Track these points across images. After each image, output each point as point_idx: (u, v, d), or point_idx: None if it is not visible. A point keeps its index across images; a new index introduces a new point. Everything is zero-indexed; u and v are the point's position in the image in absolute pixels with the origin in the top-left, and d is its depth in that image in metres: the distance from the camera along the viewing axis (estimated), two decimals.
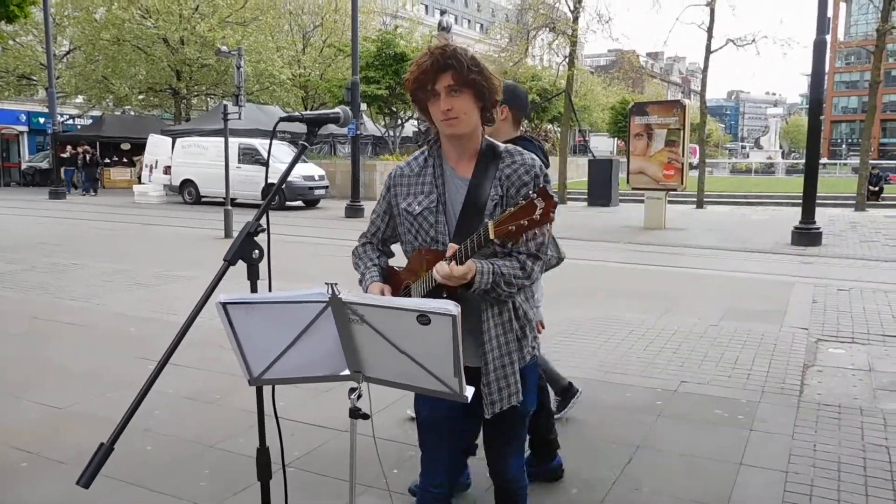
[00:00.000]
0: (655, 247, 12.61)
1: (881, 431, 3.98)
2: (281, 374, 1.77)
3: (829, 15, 12.78)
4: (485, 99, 1.97)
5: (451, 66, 1.90)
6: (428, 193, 2.04)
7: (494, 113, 2.03)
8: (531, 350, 2.13)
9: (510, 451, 2.24)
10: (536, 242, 1.98)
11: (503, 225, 1.71)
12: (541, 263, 2.00)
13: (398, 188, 2.12)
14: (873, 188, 22.99)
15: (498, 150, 2.05)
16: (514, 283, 1.95)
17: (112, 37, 28.48)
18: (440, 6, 60.95)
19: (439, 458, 2.18)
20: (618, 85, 55.83)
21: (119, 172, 31.47)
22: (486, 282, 1.88)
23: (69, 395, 4.53)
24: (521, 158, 2.03)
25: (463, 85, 1.92)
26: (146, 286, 8.17)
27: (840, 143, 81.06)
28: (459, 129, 1.97)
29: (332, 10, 34.03)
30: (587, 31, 27.76)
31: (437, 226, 2.01)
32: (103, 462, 1.58)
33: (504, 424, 2.16)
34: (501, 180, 1.99)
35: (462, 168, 2.04)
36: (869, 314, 6.92)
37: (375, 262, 2.18)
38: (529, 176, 1.99)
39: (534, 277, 1.99)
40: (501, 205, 1.96)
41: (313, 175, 21.04)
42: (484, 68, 1.95)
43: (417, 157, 2.13)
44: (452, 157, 2.06)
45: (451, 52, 1.91)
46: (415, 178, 2.09)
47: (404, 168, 2.14)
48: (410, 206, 2.06)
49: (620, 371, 5.08)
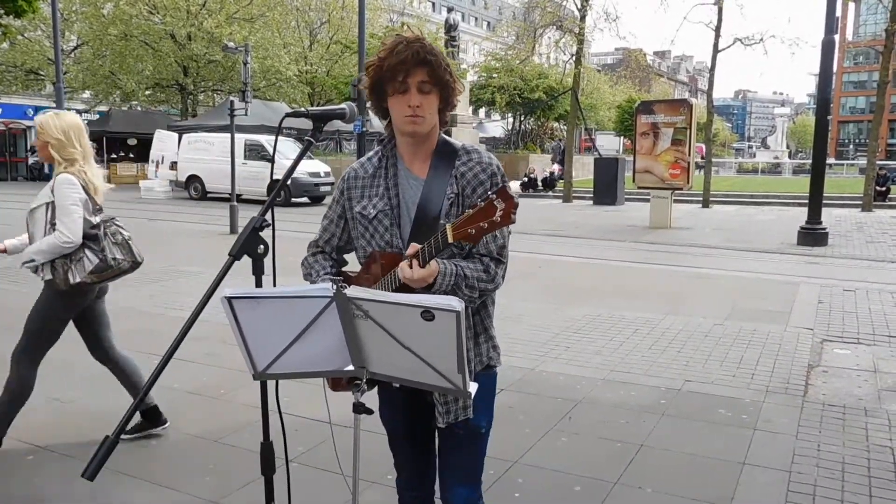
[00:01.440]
0: (661, 246, 12.59)
1: (885, 432, 3.97)
2: (285, 369, 1.77)
3: (838, 15, 12.75)
4: (447, 101, 1.91)
5: (428, 63, 1.82)
6: (382, 196, 1.94)
7: (447, 115, 1.95)
8: (485, 360, 1.99)
9: (457, 478, 2.04)
10: (497, 245, 1.90)
11: (462, 228, 1.65)
12: (503, 267, 1.91)
13: (352, 191, 2.00)
14: (880, 189, 22.88)
15: (453, 147, 1.96)
16: (476, 287, 1.85)
17: (119, 32, 28.56)
18: (447, 3, 60.87)
19: (406, 463, 2.14)
20: (624, 83, 55.70)
21: (125, 168, 31.57)
22: (448, 283, 1.79)
23: (74, 389, 4.55)
24: (477, 157, 1.94)
25: (434, 84, 1.85)
26: (151, 281, 8.19)
27: (847, 143, 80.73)
28: (421, 129, 1.88)
29: (338, 7, 34.07)
30: (594, 29, 27.76)
31: (392, 229, 1.92)
32: (108, 454, 1.59)
33: (452, 442, 2.01)
34: (457, 178, 1.90)
35: (417, 168, 1.95)
36: (874, 315, 6.89)
37: (328, 272, 2.03)
38: (486, 174, 1.91)
39: (497, 282, 1.90)
40: (457, 204, 1.88)
41: (319, 172, 21.07)
42: (452, 69, 1.90)
43: (371, 158, 2.02)
44: (407, 156, 1.96)
45: (429, 47, 1.83)
46: (369, 179, 1.98)
47: (358, 170, 2.02)
48: (365, 209, 1.95)
49: (624, 370, 5.08)
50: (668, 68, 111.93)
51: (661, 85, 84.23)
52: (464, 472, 2.05)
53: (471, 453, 2.04)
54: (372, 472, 3.24)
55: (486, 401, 2.01)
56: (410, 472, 2.15)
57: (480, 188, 1.89)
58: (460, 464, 2.04)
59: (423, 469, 2.14)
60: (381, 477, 3.16)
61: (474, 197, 1.87)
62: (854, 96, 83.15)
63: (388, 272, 1.86)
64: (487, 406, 2.02)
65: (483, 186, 1.89)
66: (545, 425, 4.01)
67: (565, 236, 13.45)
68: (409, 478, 2.15)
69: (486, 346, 2.00)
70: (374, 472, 3.21)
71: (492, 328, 2.03)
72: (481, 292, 1.88)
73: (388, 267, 1.87)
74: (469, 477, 2.05)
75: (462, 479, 2.04)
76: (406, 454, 2.14)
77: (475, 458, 2.06)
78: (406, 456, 2.14)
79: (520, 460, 3.54)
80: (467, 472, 2.05)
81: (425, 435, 2.10)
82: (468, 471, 2.05)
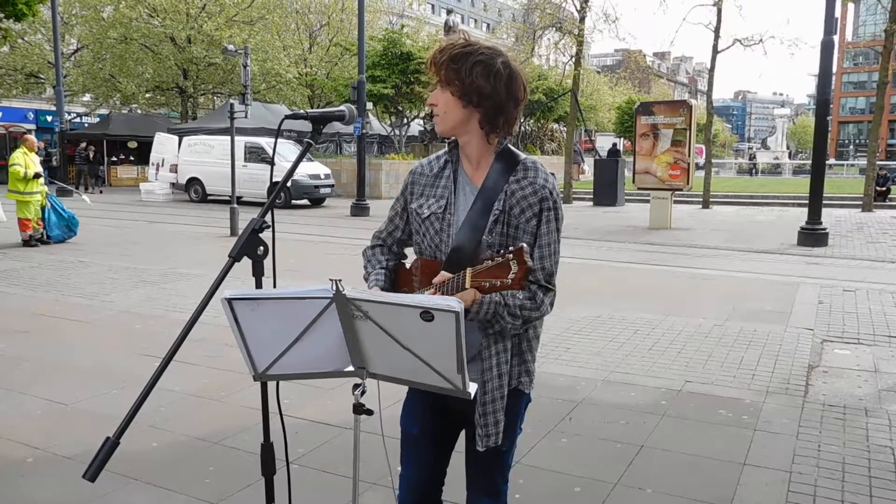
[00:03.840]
0: (661, 247, 12.59)
1: (886, 432, 3.97)
2: (285, 370, 1.77)
3: (837, 15, 12.74)
4: (471, 100, 1.83)
5: (436, 63, 1.84)
6: (438, 198, 1.94)
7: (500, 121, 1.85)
8: (514, 382, 1.96)
9: (480, 491, 2.05)
10: (545, 273, 1.86)
11: (479, 278, 1.66)
12: (552, 295, 1.87)
13: (414, 187, 2.02)
14: (880, 189, 22.87)
15: (515, 159, 1.91)
16: (520, 315, 1.81)
17: (119, 35, 28.58)
18: (446, 5, 60.95)
19: (423, 465, 2.10)
20: (624, 85, 55.79)
21: (125, 170, 31.58)
22: (487, 311, 1.77)
23: (75, 391, 4.55)
24: (533, 175, 1.88)
25: (445, 83, 1.85)
26: (152, 284, 8.20)
27: (847, 143, 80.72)
28: (439, 127, 1.90)
29: (338, 10, 34.08)
30: (594, 30, 27.81)
31: (441, 234, 1.91)
32: (109, 455, 1.59)
33: (476, 458, 2.00)
34: (507, 195, 1.85)
35: (476, 176, 1.93)
36: (875, 315, 6.89)
37: (384, 266, 2.06)
38: (536, 197, 1.85)
39: (544, 310, 1.86)
40: (502, 222, 1.84)
41: (319, 174, 21.06)
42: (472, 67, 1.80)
43: (439, 157, 2.01)
44: (466, 162, 1.95)
45: (445, 46, 1.84)
46: (431, 178, 1.99)
47: (424, 167, 2.03)
48: (421, 207, 1.97)
49: (625, 371, 5.08)
50: (667, 69, 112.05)
51: (661, 86, 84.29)
52: (485, 486, 2.06)
53: (492, 468, 2.04)
54: (372, 473, 3.24)
55: (510, 418, 1.96)
56: (424, 475, 2.11)
57: (529, 211, 1.85)
58: (482, 477, 2.05)
59: (438, 473, 2.13)
60: (381, 478, 3.16)
61: (521, 218, 1.85)
62: (854, 97, 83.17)
63: (427, 279, 1.87)
64: (509, 426, 1.97)
65: (532, 210, 1.85)
66: (545, 426, 4.01)
67: (565, 237, 13.34)
68: (421, 479, 2.12)
69: (519, 370, 1.97)
70: (374, 474, 3.21)
71: (528, 354, 1.98)
72: (525, 320, 1.85)
73: (427, 274, 1.89)
74: (490, 491, 2.06)
75: (484, 492, 2.06)
76: (424, 457, 2.10)
77: (496, 473, 2.05)
78: (424, 459, 2.10)
79: (520, 461, 3.54)
80: (488, 485, 2.06)
81: (449, 441, 2.11)
82: (489, 485, 2.06)
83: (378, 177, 23.49)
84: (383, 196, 23.04)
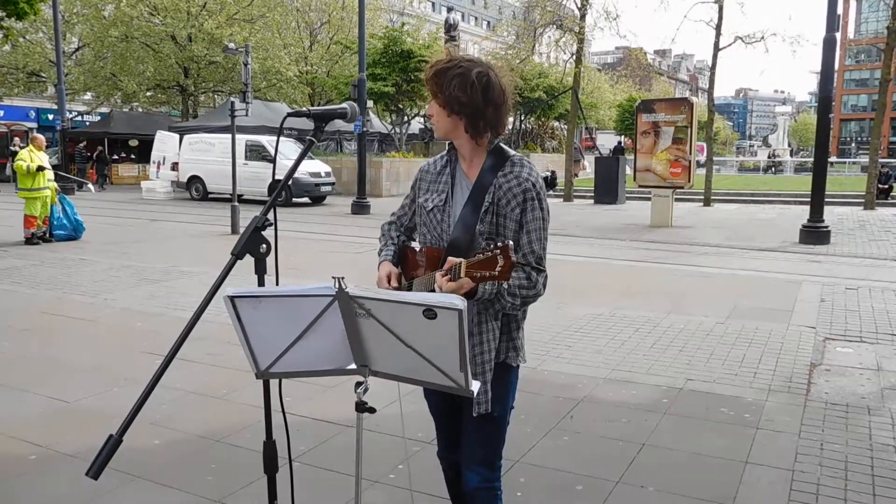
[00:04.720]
0: (662, 244, 12.58)
1: (889, 431, 3.97)
2: (288, 368, 1.78)
3: (839, 12, 12.71)
4: (453, 109, 2.03)
5: (426, 78, 2.06)
6: (440, 192, 2.16)
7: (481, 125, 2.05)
8: (502, 357, 2.14)
9: (472, 460, 2.18)
10: (535, 256, 2.04)
11: (471, 269, 1.80)
12: (544, 276, 2.05)
13: (421, 182, 2.26)
14: (882, 186, 22.83)
15: (504, 156, 2.11)
16: (518, 295, 2.00)
17: (120, 34, 28.55)
18: (447, 3, 60.86)
19: (441, 434, 2.37)
20: (625, 82, 55.72)
21: (127, 169, 31.60)
22: (490, 291, 1.95)
23: (77, 389, 4.56)
24: (518, 170, 2.07)
25: (433, 95, 2.05)
26: (153, 282, 8.20)
27: (849, 141, 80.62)
28: (436, 133, 2.15)
29: (338, 8, 34.06)
30: (594, 28, 27.79)
31: (442, 224, 2.13)
32: (112, 453, 1.59)
33: (469, 426, 2.16)
34: (496, 188, 2.05)
35: (471, 172, 2.14)
36: (877, 313, 6.88)
37: (394, 241, 2.32)
38: (520, 188, 2.04)
39: (539, 289, 2.03)
40: (491, 212, 2.03)
41: (320, 172, 21.06)
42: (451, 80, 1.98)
43: (442, 157, 2.25)
44: (463, 161, 2.17)
45: (433, 63, 2.05)
46: (435, 175, 2.22)
47: (430, 165, 2.27)
48: (426, 201, 2.19)
49: (626, 369, 5.08)
50: (668, 67, 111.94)
51: (662, 84, 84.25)
52: (478, 455, 2.17)
53: (484, 436, 2.16)
54: (374, 471, 3.24)
55: (499, 388, 2.13)
56: (445, 441, 2.35)
57: (514, 201, 2.04)
58: (475, 446, 2.17)
59: (455, 440, 2.28)
60: (384, 476, 3.16)
61: (507, 208, 2.04)
62: (856, 94, 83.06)
63: (431, 265, 2.07)
64: (500, 393, 2.14)
65: (516, 200, 2.03)
66: (547, 424, 4.01)
67: (566, 235, 13.43)
68: (445, 446, 2.36)
69: (507, 346, 2.15)
70: (377, 472, 3.21)
71: (515, 332, 2.17)
72: (524, 299, 2.02)
73: (431, 260, 2.09)
74: (483, 460, 2.17)
75: (476, 461, 2.17)
76: (440, 426, 2.36)
77: (488, 442, 2.18)
78: (440, 428, 2.36)
79: (522, 459, 3.54)
80: (481, 454, 2.17)
81: (457, 411, 2.23)
82: (482, 453, 2.17)
83: (379, 175, 23.48)
84: (384, 194, 23.03)
